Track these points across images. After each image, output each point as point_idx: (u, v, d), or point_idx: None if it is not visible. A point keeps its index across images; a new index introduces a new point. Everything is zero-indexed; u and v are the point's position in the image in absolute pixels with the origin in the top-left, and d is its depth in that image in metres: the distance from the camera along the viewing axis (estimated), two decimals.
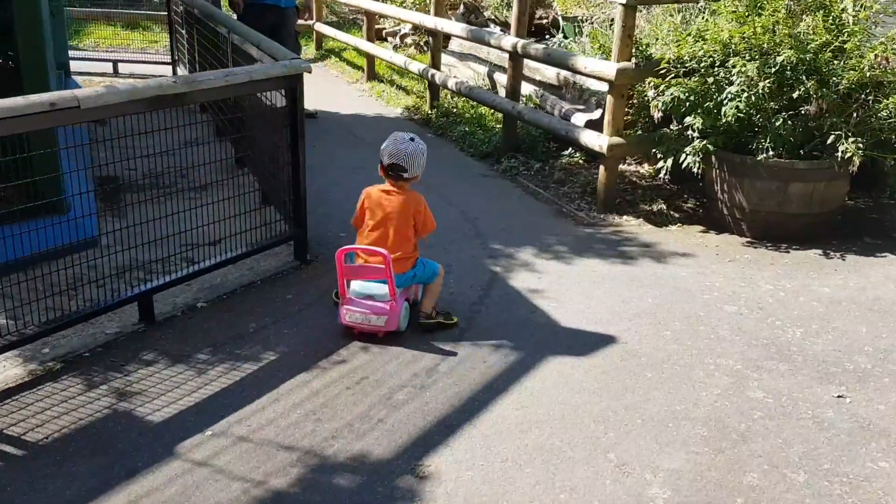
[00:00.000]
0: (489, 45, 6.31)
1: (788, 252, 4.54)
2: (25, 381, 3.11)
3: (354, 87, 9.24)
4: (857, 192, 5.37)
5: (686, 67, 4.63)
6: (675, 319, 3.73)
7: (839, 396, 3.12)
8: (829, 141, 4.35)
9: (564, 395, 3.10)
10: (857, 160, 4.22)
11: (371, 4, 8.87)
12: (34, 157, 4.11)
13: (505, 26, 10.61)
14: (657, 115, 4.64)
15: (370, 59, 9.11)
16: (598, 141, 5.04)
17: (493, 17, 11.66)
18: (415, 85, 8.71)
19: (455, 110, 7.46)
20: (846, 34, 4.45)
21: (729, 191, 4.72)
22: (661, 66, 4.67)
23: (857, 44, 4.42)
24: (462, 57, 8.29)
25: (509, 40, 5.94)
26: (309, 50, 11.38)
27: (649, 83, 4.71)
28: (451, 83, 7.04)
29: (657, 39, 4.86)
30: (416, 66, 7.81)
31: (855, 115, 4.42)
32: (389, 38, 11.24)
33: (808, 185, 4.52)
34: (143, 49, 10.66)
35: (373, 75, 9.26)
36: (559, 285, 4.09)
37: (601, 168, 5.13)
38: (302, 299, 3.86)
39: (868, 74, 4.29)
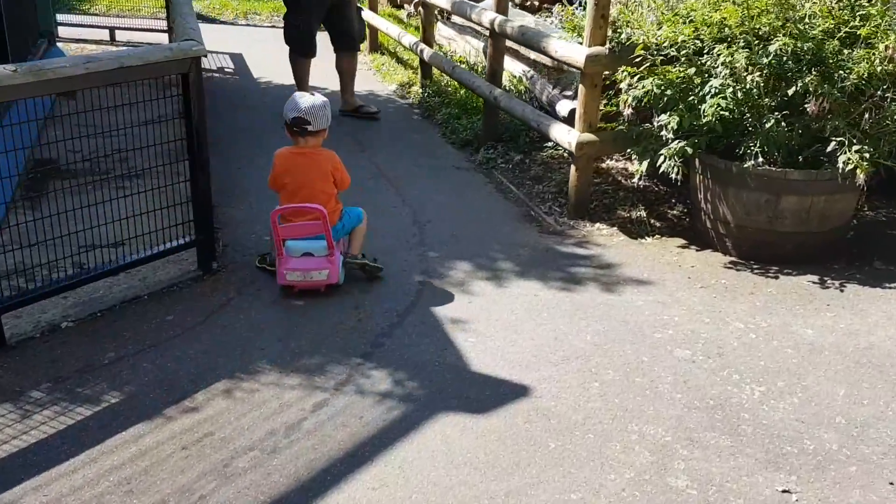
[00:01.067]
0: (470, 19, 5.64)
1: (776, 278, 3.81)
2: None
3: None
4: (879, 201, 4.57)
5: (665, 55, 3.91)
6: (610, 366, 3.09)
7: (784, 491, 2.46)
8: (829, 147, 3.60)
9: (439, 471, 2.53)
10: (861, 173, 3.47)
11: None
12: None
13: None
14: (627, 111, 3.94)
15: (372, 29, 8.49)
16: (567, 137, 4.36)
17: None
18: (415, 59, 8.06)
19: (446, 90, 6.82)
20: (859, 18, 3.66)
21: (712, 201, 4.00)
22: (637, 53, 3.95)
23: (875, 29, 3.63)
24: (461, 30, 7.61)
25: (487, 16, 5.26)
26: None
27: (623, 73, 4.01)
28: (435, 60, 6.39)
29: (629, 21, 4.12)
30: (408, 40, 7.16)
31: (867, 115, 3.64)
32: (405, 5, 10.57)
33: (805, 199, 3.78)
34: (154, 14, 10.25)
35: (375, 46, 8.65)
36: (488, 314, 3.48)
37: (572, 168, 4.45)
38: (183, 321, 3.36)
39: (879, 69, 3.50)
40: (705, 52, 3.84)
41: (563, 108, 5.09)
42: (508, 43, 5.53)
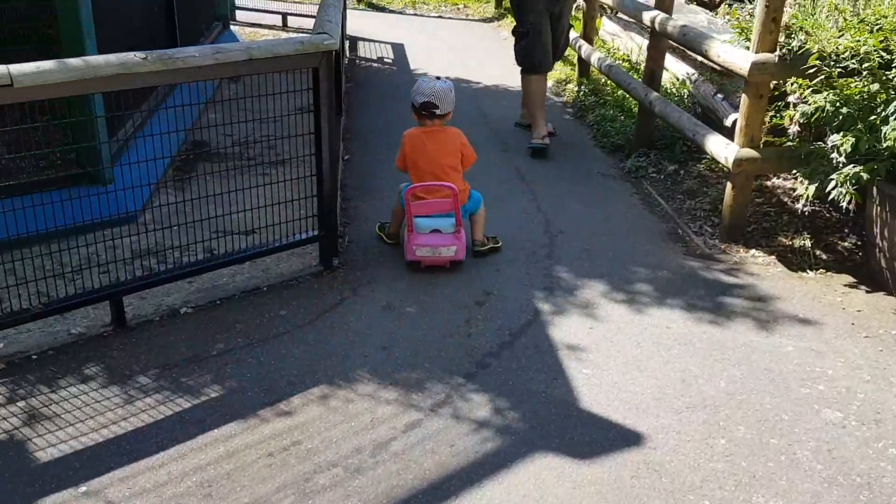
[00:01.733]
0: (632, 15, 5.26)
1: None
2: None
3: None
4: None
5: (844, 67, 3.40)
6: (742, 421, 2.72)
7: None
8: None
9: None
10: None
11: None
12: (68, 123, 3.95)
13: None
14: (793, 128, 3.47)
15: None
16: (724, 151, 3.93)
17: None
18: (574, 55, 7.72)
19: (603, 88, 6.46)
20: None
21: (890, 237, 3.46)
22: (810, 64, 3.47)
23: None
24: (626, 26, 7.19)
25: (648, 14, 4.87)
26: (488, 8, 10.67)
27: (793, 84, 3.54)
28: (594, 58, 6.05)
29: (804, 27, 3.62)
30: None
31: None
32: None
33: None
34: None
35: None
36: (610, 344, 3.18)
37: (728, 186, 4.02)
38: (294, 318, 3.31)
39: None
40: (894, 65, 3.31)
41: (730, 117, 4.63)
42: (672, 42, 5.11)
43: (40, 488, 2.39)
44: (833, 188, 3.44)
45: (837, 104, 3.31)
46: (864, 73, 3.33)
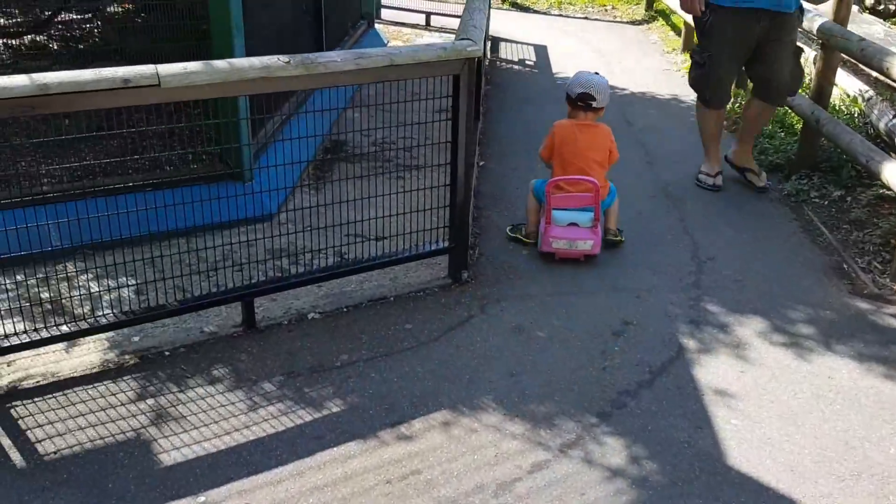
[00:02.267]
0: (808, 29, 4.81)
1: None
2: (90, 373, 2.92)
3: (666, 59, 8.03)
4: None
5: None
6: None
7: None
8: None
9: None
10: None
11: None
12: (217, 124, 4.01)
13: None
14: None
15: (688, 27, 7.79)
16: None
17: None
18: None
19: None
20: None
21: None
22: None
23: None
24: None
25: (819, 23, 4.43)
26: (637, 10, 10.26)
27: None
28: None
29: None
30: None
31: None
32: None
33: None
34: None
35: (689, 45, 7.92)
36: (763, 391, 2.87)
37: None
38: (420, 333, 3.19)
39: None
40: None
41: None
42: (844, 55, 4.65)
43: (161, 493, 2.38)
44: None
45: None
46: None
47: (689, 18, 7.50)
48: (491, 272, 3.71)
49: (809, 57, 6.12)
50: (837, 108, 5.04)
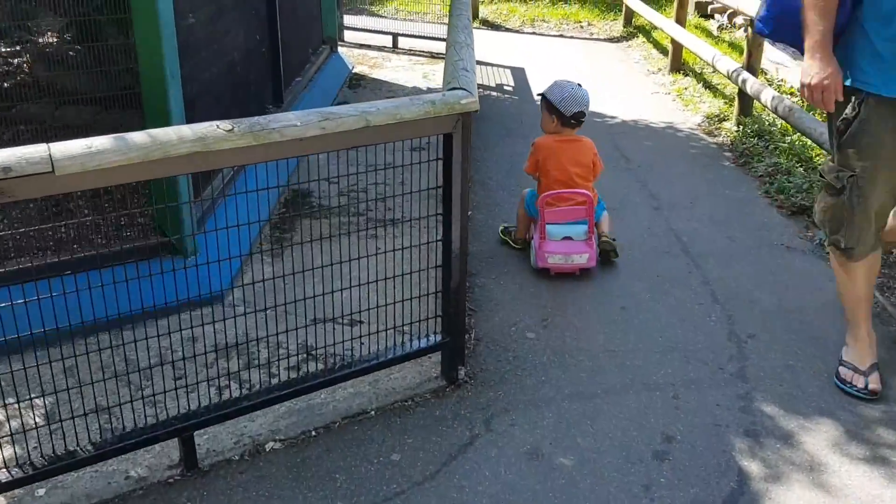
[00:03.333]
0: None
1: None
2: None
3: (653, 79, 7.45)
4: None
5: None
6: None
7: None
8: None
9: None
10: None
11: None
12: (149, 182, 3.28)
13: None
14: None
15: (676, 45, 7.23)
16: None
17: None
18: (728, 85, 6.68)
19: (770, 130, 5.42)
20: None
21: None
22: None
23: None
24: (797, 55, 6.09)
25: None
26: (615, 26, 9.70)
27: None
28: (765, 96, 5.03)
29: None
30: (725, 65, 5.83)
31: None
32: (716, 16, 9.13)
33: None
34: (441, 19, 9.77)
35: (678, 65, 7.38)
36: None
37: None
38: (411, 467, 2.49)
39: None
40: None
41: None
42: None
43: None
44: None
45: None
46: None
47: (679, 36, 6.95)
48: (493, 365, 3.03)
49: None
50: None
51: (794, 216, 4.39)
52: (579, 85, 3.78)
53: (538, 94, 3.88)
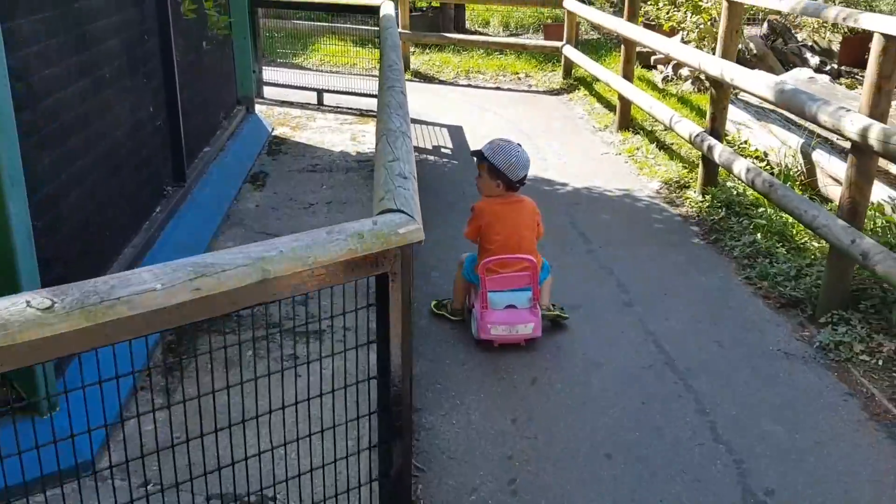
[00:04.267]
0: (814, 120, 3.68)
1: None
2: None
3: (600, 137, 6.91)
4: None
5: None
6: None
7: None
8: None
9: None
10: None
11: (629, 30, 6.47)
12: None
13: (826, 56, 7.67)
14: None
15: (624, 101, 6.72)
16: None
17: (810, 44, 8.66)
18: (683, 145, 6.18)
19: (742, 200, 4.89)
20: None
21: None
22: None
23: None
24: (760, 114, 5.62)
25: (853, 122, 3.29)
26: (554, 78, 9.21)
27: None
28: (738, 167, 4.49)
29: None
30: (685, 128, 5.30)
31: None
32: (659, 67, 8.73)
33: None
34: (370, 71, 9.07)
35: (626, 122, 6.87)
36: None
37: None
38: None
39: None
40: None
41: None
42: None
43: None
44: None
45: None
46: None
47: (630, 94, 6.43)
48: None
49: (794, 143, 5.07)
50: (873, 225, 3.93)
51: (785, 309, 3.80)
52: (519, 145, 3.56)
53: (473, 153, 3.63)
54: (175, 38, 4.56)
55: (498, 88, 9.06)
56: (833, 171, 4.53)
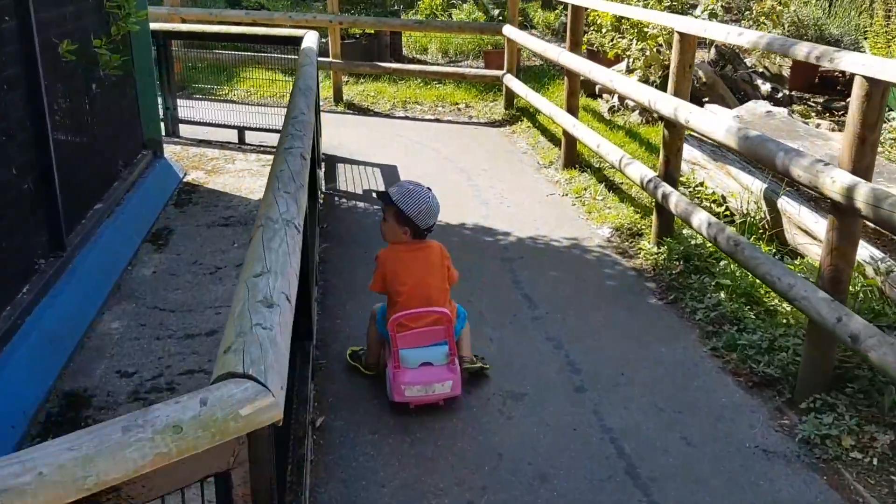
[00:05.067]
0: (786, 174, 3.19)
1: None
2: None
3: (545, 175, 6.41)
4: None
5: None
6: None
7: None
8: None
9: None
10: None
11: (573, 62, 5.99)
12: None
13: (777, 82, 7.35)
14: None
15: (569, 137, 6.23)
16: None
17: (760, 70, 8.34)
18: (634, 186, 5.70)
19: (702, 252, 4.40)
20: None
21: None
22: None
23: None
24: (717, 153, 5.16)
25: (834, 179, 2.80)
26: (496, 108, 8.72)
27: None
28: (697, 220, 3.99)
29: None
30: (636, 172, 4.82)
31: None
32: (605, 96, 8.31)
33: None
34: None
35: (572, 159, 6.37)
36: None
37: None
38: None
39: None
40: None
41: None
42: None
43: None
44: None
45: None
46: None
47: (575, 131, 5.95)
48: None
49: (756, 187, 4.61)
50: (858, 288, 3.45)
51: (759, 390, 3.30)
52: (428, 189, 3.33)
53: (379, 195, 3.39)
54: (49, 85, 3.91)
55: (437, 120, 8.52)
56: (803, 223, 4.07)
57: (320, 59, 9.07)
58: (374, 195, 3.82)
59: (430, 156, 7.05)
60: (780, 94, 7.45)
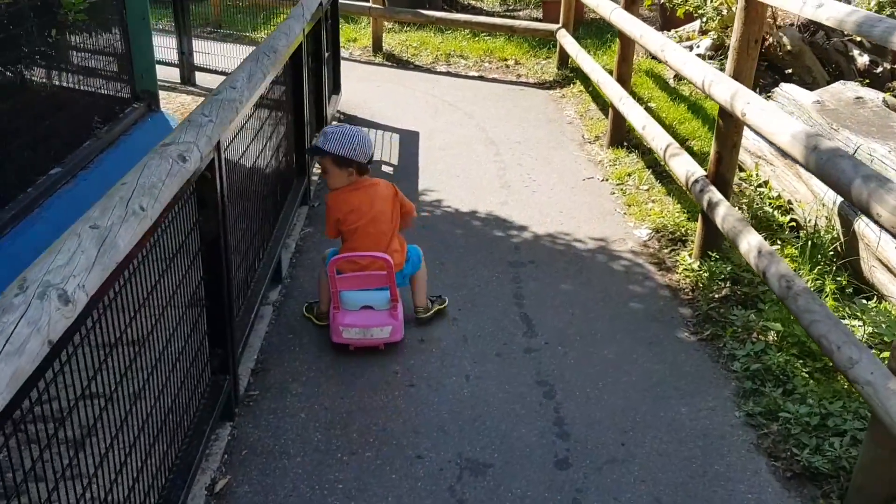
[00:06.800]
0: (864, 210, 2.33)
1: None
2: None
3: (586, 153, 5.56)
4: None
5: None
6: None
7: None
8: None
9: None
10: None
11: (624, 22, 5.07)
12: None
13: (877, 54, 6.27)
14: None
15: (616, 113, 5.34)
16: None
17: (858, 39, 7.12)
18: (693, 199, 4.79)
19: (752, 279, 3.55)
20: None
21: None
22: None
23: None
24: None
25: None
26: (548, 67, 7.80)
27: None
28: (746, 244, 3.13)
29: None
30: (681, 167, 3.95)
31: None
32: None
33: None
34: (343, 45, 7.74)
35: (620, 137, 5.50)
36: None
37: None
38: None
39: None
40: None
41: None
42: None
43: None
44: None
45: None
46: None
47: (623, 107, 5.06)
48: None
49: (830, 198, 3.70)
50: None
51: (798, 483, 2.51)
52: (351, 126, 3.39)
53: (309, 151, 3.48)
54: None
55: (481, 78, 7.68)
56: (885, 257, 3.18)
57: (358, 2, 8.32)
58: (307, 153, 4.06)
59: (461, 121, 6.26)
60: (879, 70, 6.32)
